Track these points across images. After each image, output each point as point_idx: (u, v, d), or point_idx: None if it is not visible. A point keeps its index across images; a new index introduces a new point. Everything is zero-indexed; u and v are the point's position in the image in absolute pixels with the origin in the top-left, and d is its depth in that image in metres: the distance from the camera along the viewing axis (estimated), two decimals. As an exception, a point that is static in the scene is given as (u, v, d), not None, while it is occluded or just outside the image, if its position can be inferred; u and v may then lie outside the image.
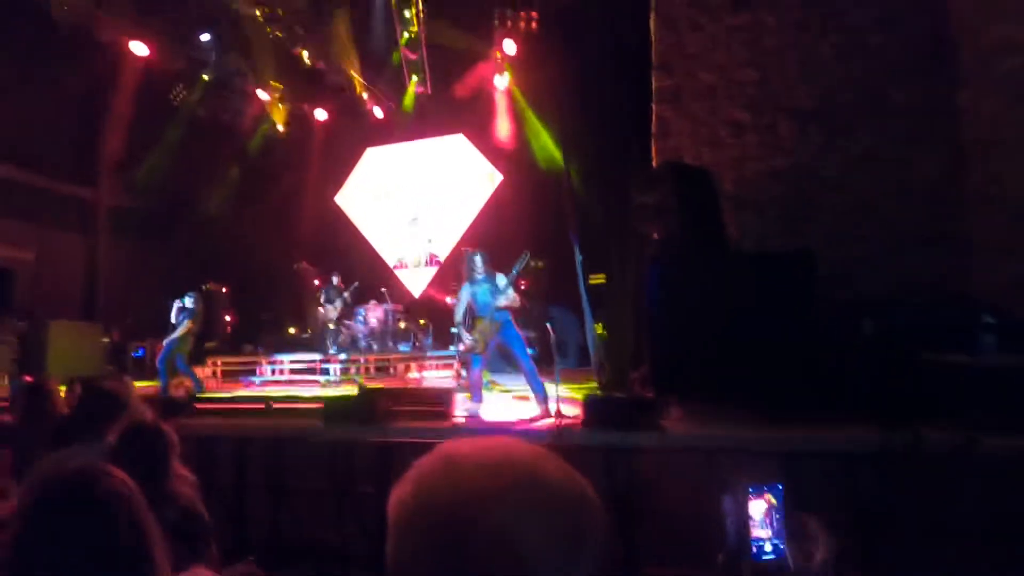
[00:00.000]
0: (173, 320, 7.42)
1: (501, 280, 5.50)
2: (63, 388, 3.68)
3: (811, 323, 4.32)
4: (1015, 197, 5.03)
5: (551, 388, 4.99)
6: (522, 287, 8.31)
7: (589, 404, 4.54)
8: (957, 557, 2.86)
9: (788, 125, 6.05)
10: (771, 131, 6.10)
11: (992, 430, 3.42)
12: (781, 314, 4.37)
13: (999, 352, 4.11)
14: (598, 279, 7.34)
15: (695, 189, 5.40)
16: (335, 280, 9.96)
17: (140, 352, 9.66)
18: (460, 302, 5.69)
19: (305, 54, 10.00)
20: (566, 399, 5.17)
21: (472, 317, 5.58)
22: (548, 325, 5.73)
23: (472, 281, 5.60)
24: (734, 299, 4.51)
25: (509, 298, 5.37)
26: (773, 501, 0.95)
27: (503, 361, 8.63)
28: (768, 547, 0.93)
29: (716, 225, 5.40)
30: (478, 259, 5.63)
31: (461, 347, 5.69)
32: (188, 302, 7.44)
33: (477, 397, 5.53)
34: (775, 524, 0.95)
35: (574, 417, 4.68)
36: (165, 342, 7.38)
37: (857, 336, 4.32)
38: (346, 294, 9.81)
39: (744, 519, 0.93)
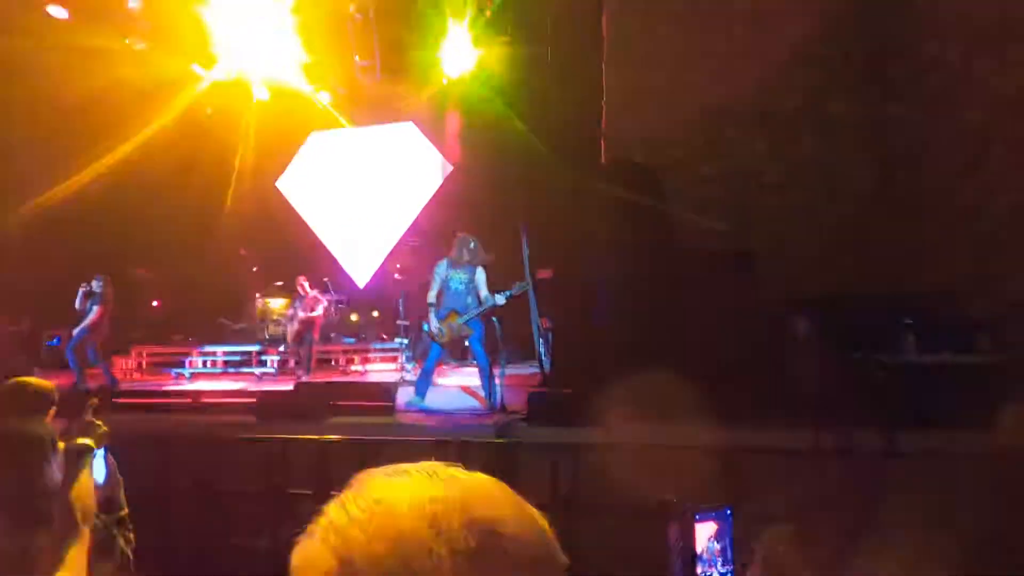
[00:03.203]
0: (78, 306, 6.96)
1: (480, 275, 5.38)
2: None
3: (751, 324, 4.45)
4: (937, 209, 5.35)
5: (498, 384, 4.96)
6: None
7: (534, 399, 4.53)
8: (886, 551, 3.01)
9: (734, 129, 6.21)
10: (717, 134, 6.24)
11: (910, 426, 3.63)
12: (722, 313, 4.49)
13: (919, 352, 4.36)
14: (545, 274, 7.36)
15: (643, 188, 5.47)
16: (312, 290, 8.74)
17: (55, 341, 8.98)
18: (434, 281, 5.50)
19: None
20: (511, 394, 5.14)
21: (446, 308, 5.42)
22: (494, 320, 5.69)
23: (451, 263, 5.43)
24: (678, 297, 4.60)
25: (497, 302, 5.28)
26: (718, 527, 0.92)
27: (448, 353, 8.52)
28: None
29: (663, 224, 5.49)
30: (465, 243, 5.42)
31: (426, 327, 5.54)
32: (96, 286, 6.96)
33: (422, 391, 5.43)
34: (723, 551, 0.92)
35: (519, 412, 4.66)
36: (75, 331, 6.93)
37: (793, 336, 4.48)
38: (325, 299, 8.94)
39: (690, 548, 0.89)
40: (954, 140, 5.33)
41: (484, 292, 5.37)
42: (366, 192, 11.94)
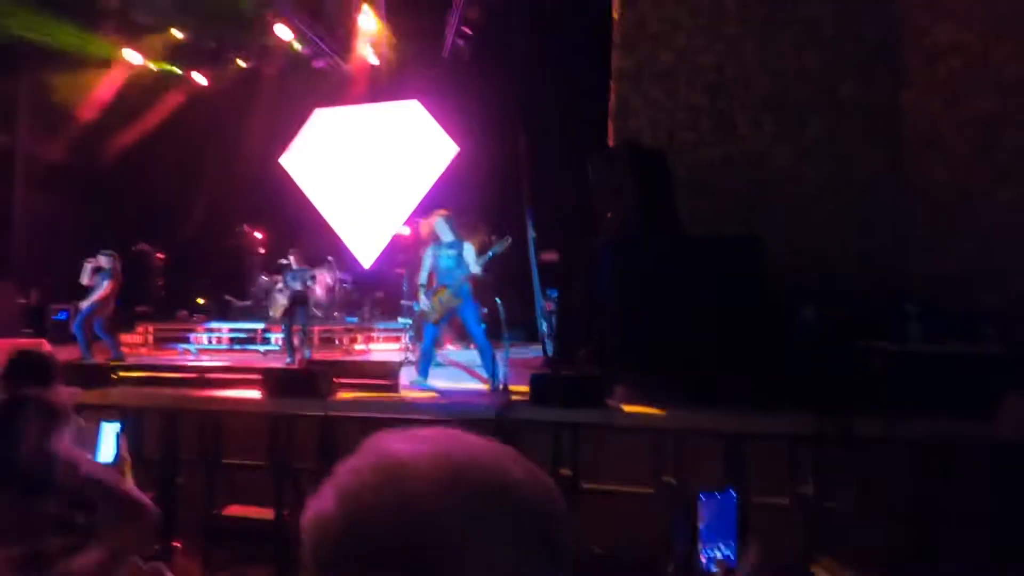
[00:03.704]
0: (85, 281, 6.96)
1: (468, 250, 5.43)
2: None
3: (757, 308, 4.43)
4: (947, 196, 5.29)
5: (501, 364, 4.97)
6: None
7: (536, 381, 4.54)
8: (887, 538, 3.04)
9: (743, 113, 6.14)
10: (726, 118, 6.17)
11: (913, 415, 3.63)
12: (728, 298, 4.47)
13: (924, 341, 4.35)
14: (550, 256, 7.35)
15: (651, 171, 5.41)
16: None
17: (63, 315, 9.02)
18: (424, 265, 5.61)
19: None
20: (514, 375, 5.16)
21: (436, 284, 5.51)
22: (497, 301, 5.69)
23: (437, 245, 5.54)
24: (683, 281, 4.58)
25: (473, 271, 5.34)
26: (722, 509, 0.92)
27: (457, 334, 8.54)
28: (719, 557, 0.91)
29: (669, 208, 5.45)
30: (443, 223, 5.55)
31: (418, 307, 5.66)
32: (104, 261, 6.94)
33: (424, 371, 5.45)
34: (726, 532, 0.92)
35: (521, 392, 4.67)
36: (84, 305, 6.92)
37: (799, 322, 4.47)
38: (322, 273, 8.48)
39: (695, 529, 0.90)
40: (965, 126, 5.25)
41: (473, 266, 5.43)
42: (370, 170, 11.87)
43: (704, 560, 0.90)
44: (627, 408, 4.22)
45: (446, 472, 0.50)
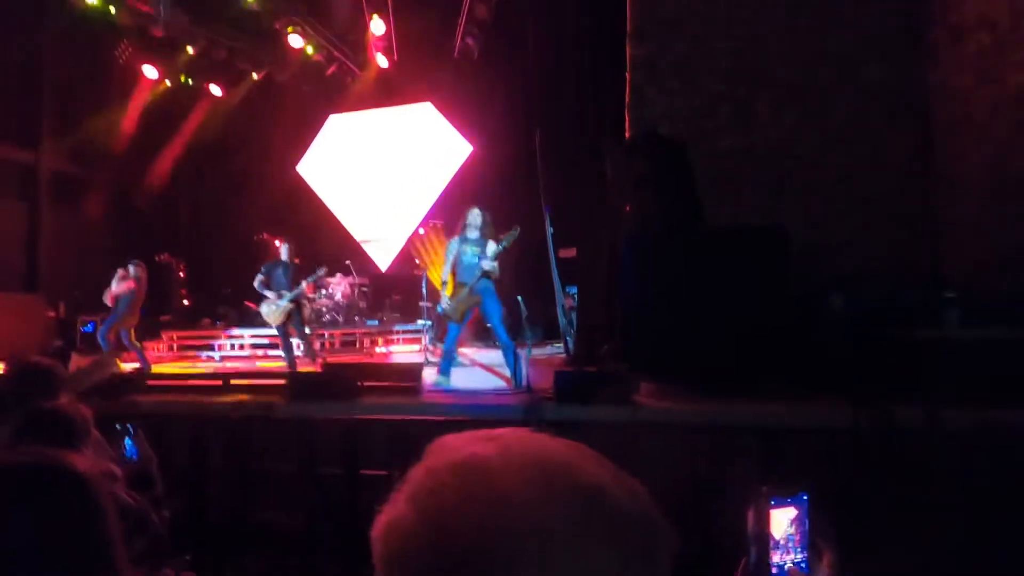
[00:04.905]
0: (113, 290, 7.09)
1: (491, 248, 5.27)
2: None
3: (784, 299, 4.32)
4: (980, 176, 5.11)
5: (523, 363, 4.92)
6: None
7: (560, 378, 4.48)
8: (926, 531, 2.92)
9: (763, 100, 5.99)
10: (746, 105, 6.04)
11: (955, 404, 3.49)
12: (754, 290, 4.37)
13: (962, 327, 4.19)
14: (569, 252, 7.27)
15: (670, 162, 5.31)
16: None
17: (90, 327, 9.17)
18: (447, 258, 5.44)
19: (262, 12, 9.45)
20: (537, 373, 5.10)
21: (456, 281, 5.38)
22: (519, 299, 5.64)
23: (462, 238, 5.38)
24: (707, 274, 4.48)
25: (492, 267, 5.18)
26: (796, 512, 0.85)
27: (477, 334, 8.51)
28: (790, 565, 0.84)
29: (690, 199, 5.34)
30: (475, 216, 5.34)
31: (440, 309, 5.56)
32: (132, 271, 7.11)
33: (446, 370, 5.42)
34: (799, 539, 0.85)
35: (545, 391, 4.62)
36: (111, 316, 7.09)
37: (828, 313, 4.35)
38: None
39: (765, 535, 0.83)
40: (998, 105, 5.06)
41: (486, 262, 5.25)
42: (386, 174, 11.89)
43: (775, 570, 0.84)
44: (652, 404, 4.14)
45: (535, 472, 0.46)
